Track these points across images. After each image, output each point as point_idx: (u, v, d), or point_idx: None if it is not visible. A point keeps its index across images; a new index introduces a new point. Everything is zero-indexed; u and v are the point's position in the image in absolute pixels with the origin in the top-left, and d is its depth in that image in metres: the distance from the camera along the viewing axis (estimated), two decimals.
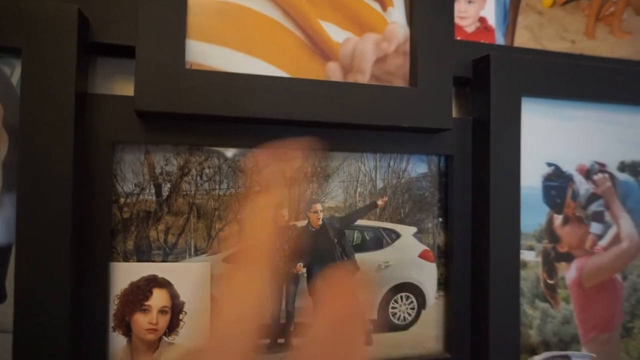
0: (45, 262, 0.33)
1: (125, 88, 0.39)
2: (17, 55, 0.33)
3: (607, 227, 0.50)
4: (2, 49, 0.33)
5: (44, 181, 0.33)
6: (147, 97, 0.35)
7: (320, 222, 0.43)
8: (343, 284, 0.33)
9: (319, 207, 0.43)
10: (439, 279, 0.47)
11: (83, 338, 0.36)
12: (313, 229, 0.43)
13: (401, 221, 0.46)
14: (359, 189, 0.44)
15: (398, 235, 0.45)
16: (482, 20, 0.49)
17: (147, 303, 0.38)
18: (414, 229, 0.46)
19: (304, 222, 0.43)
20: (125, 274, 0.38)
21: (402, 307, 0.45)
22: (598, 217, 0.49)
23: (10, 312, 0.33)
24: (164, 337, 0.38)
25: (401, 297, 0.45)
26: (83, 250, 0.36)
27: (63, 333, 0.33)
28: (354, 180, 0.44)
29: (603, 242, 0.50)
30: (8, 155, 0.33)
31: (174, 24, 0.36)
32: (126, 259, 0.38)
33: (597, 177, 0.49)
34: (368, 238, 0.45)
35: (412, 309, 0.46)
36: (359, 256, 0.44)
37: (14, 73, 0.34)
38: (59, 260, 0.33)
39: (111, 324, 0.37)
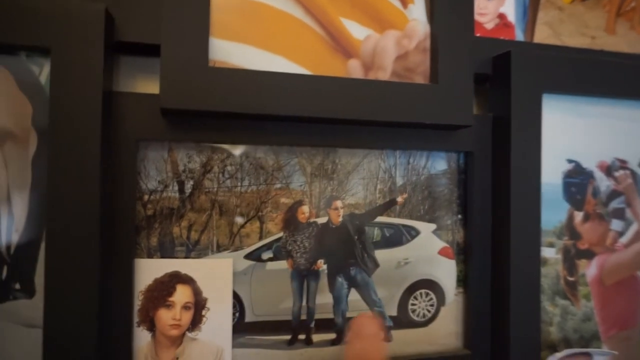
0: (73, 259, 0.34)
1: (148, 86, 0.40)
2: (46, 55, 0.34)
3: (628, 224, 0.49)
4: (31, 48, 0.33)
5: (72, 179, 0.33)
6: (172, 95, 0.35)
7: (341, 219, 0.43)
8: (370, 335, 0.36)
9: (339, 204, 0.43)
10: (458, 276, 0.47)
11: (109, 333, 0.36)
12: (333, 226, 0.43)
13: (421, 218, 0.46)
14: (378, 186, 0.44)
15: (417, 232, 0.45)
16: (501, 16, 0.49)
17: (170, 299, 0.38)
18: (433, 226, 0.46)
19: (324, 219, 0.43)
20: (149, 270, 0.38)
21: (422, 304, 0.46)
22: (619, 214, 0.49)
23: (40, 307, 0.33)
24: (187, 332, 0.39)
25: (420, 294, 0.45)
26: (108, 246, 0.36)
27: (91, 328, 0.34)
28: (374, 177, 0.44)
29: (624, 239, 0.49)
30: (37, 153, 0.34)
31: (198, 22, 0.36)
32: (150, 256, 0.39)
33: (618, 173, 0.49)
34: (388, 235, 0.45)
35: (432, 305, 0.46)
36: (378, 253, 0.44)
37: (42, 72, 0.34)
38: (87, 257, 0.34)
39: (136, 319, 0.38)
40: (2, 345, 0.33)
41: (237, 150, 0.41)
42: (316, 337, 0.42)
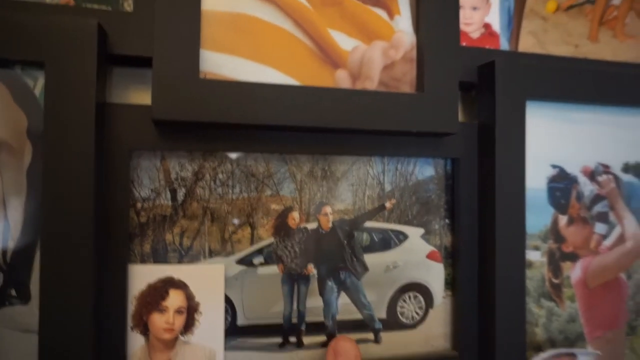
0: (68, 265, 0.34)
1: (140, 96, 0.41)
2: (40, 68, 0.35)
3: (611, 227, 0.51)
4: (26, 62, 0.34)
5: (67, 188, 0.34)
6: (163, 106, 0.36)
7: (330, 224, 0.44)
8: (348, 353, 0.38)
9: (328, 209, 0.44)
10: (446, 279, 0.48)
11: (103, 337, 0.37)
12: (323, 231, 0.44)
13: (409, 223, 0.47)
14: (367, 192, 0.45)
15: (406, 237, 0.47)
16: (486, 26, 0.50)
17: (163, 303, 0.39)
18: (421, 231, 0.47)
19: (314, 225, 0.44)
20: (142, 275, 0.39)
21: (410, 307, 0.47)
22: (602, 217, 0.50)
23: (35, 313, 0.34)
24: (180, 336, 0.40)
25: (409, 297, 0.47)
26: (103, 253, 0.37)
27: (86, 332, 0.35)
28: (362, 183, 0.45)
29: (608, 242, 0.50)
30: (32, 163, 0.35)
31: (189, 35, 0.37)
32: (143, 262, 0.40)
33: (602, 178, 0.50)
34: (377, 239, 0.46)
35: (420, 308, 0.47)
36: (368, 257, 0.45)
37: (37, 85, 0.35)
38: (81, 263, 0.35)
39: (130, 323, 0.39)
40: (1, 349, 0.34)
41: (229, 159, 0.42)
42: (307, 340, 0.43)
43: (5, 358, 0.34)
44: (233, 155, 0.42)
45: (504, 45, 0.51)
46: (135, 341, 0.39)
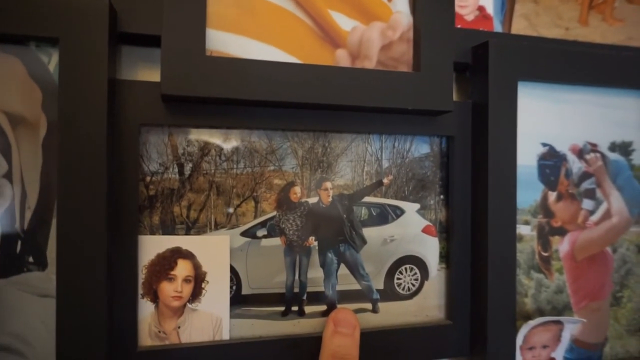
0: (83, 234, 0.36)
1: (146, 74, 0.42)
2: (54, 45, 0.36)
3: (598, 203, 0.53)
4: (40, 39, 0.36)
5: (81, 160, 0.36)
6: (172, 82, 0.38)
7: (330, 199, 0.46)
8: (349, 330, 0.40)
9: (329, 185, 0.46)
10: (440, 252, 0.50)
11: (116, 304, 0.39)
12: (323, 206, 0.46)
13: (405, 198, 0.49)
14: (366, 168, 0.47)
15: (402, 212, 0.49)
16: (480, 9, 0.52)
17: (172, 272, 0.41)
18: (417, 206, 0.49)
19: (315, 199, 0.46)
20: (152, 246, 0.41)
21: (407, 278, 0.49)
22: (590, 194, 0.53)
23: (52, 279, 0.36)
24: (188, 304, 0.42)
25: (405, 269, 0.49)
26: (114, 224, 0.39)
27: (99, 299, 0.36)
28: (361, 160, 0.47)
29: (594, 218, 0.53)
30: (47, 136, 0.36)
31: (196, 14, 0.39)
32: (152, 233, 0.41)
33: (589, 156, 0.53)
34: (374, 214, 0.48)
35: (416, 280, 0.49)
36: (366, 230, 0.47)
37: (51, 61, 0.37)
38: (95, 233, 0.36)
39: (140, 291, 0.41)
40: (19, 312, 0.36)
41: (233, 135, 0.43)
42: (308, 309, 0.46)
43: (25, 320, 0.36)
44: (230, 141, 0.43)
45: (497, 27, 0.53)
46: (146, 308, 0.41)
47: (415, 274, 0.49)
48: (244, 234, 0.44)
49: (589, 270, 0.52)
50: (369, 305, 0.48)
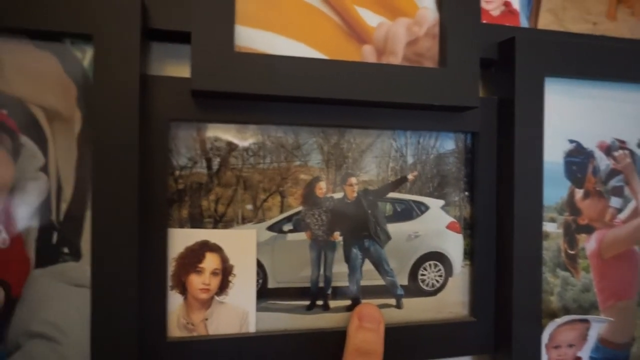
0: (115, 227, 0.37)
1: (174, 70, 0.43)
2: (89, 41, 0.37)
3: (626, 201, 0.52)
4: (75, 35, 0.37)
5: (114, 155, 0.37)
6: (201, 78, 0.38)
7: (355, 194, 0.46)
8: (374, 326, 0.40)
9: (354, 180, 0.46)
10: (465, 249, 0.50)
11: (146, 295, 0.40)
12: (348, 201, 0.46)
13: (430, 194, 0.49)
14: (390, 164, 0.47)
15: (427, 208, 0.49)
16: (507, 4, 0.52)
17: (200, 265, 0.42)
18: (441, 202, 0.49)
19: (340, 195, 0.46)
20: (181, 239, 0.42)
21: (431, 275, 0.49)
22: (618, 191, 0.52)
23: (86, 270, 0.37)
24: (215, 296, 0.42)
25: (430, 265, 0.49)
26: (144, 217, 0.40)
27: (131, 290, 0.37)
28: (386, 155, 0.47)
29: (622, 216, 0.52)
30: (82, 131, 0.37)
31: (224, 11, 0.39)
32: (181, 226, 0.42)
33: (617, 153, 0.52)
34: (399, 210, 0.48)
35: (440, 276, 0.49)
36: (390, 226, 0.47)
37: (85, 57, 0.37)
38: (126, 225, 0.37)
39: (169, 283, 0.41)
40: (55, 301, 0.37)
41: (260, 130, 0.44)
42: (333, 304, 0.46)
43: (61, 309, 0.37)
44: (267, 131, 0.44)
45: (523, 22, 0.52)
46: (175, 300, 0.42)
47: (439, 270, 0.49)
48: (270, 228, 0.44)
49: (616, 269, 0.52)
50: (392, 301, 0.48)
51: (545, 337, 0.48)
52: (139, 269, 0.38)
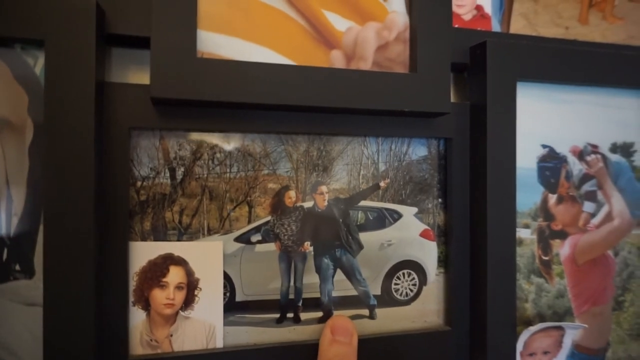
0: (71, 241, 0.35)
1: (137, 77, 0.41)
2: (40, 47, 0.35)
3: (599, 205, 0.52)
4: (25, 41, 0.35)
5: (68, 165, 0.35)
6: (161, 84, 0.37)
7: (326, 203, 0.45)
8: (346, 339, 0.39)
9: (324, 189, 0.45)
10: (439, 257, 0.49)
11: (106, 312, 0.38)
12: (319, 210, 0.45)
13: (402, 202, 0.48)
14: (362, 172, 0.46)
15: (400, 215, 0.48)
16: (478, 8, 0.51)
17: (164, 279, 0.40)
18: (414, 209, 0.48)
19: (310, 203, 0.45)
20: (143, 252, 0.40)
21: (404, 283, 0.48)
22: (591, 196, 0.52)
23: (39, 287, 0.35)
24: (180, 311, 0.41)
25: (403, 274, 0.48)
26: (104, 230, 0.38)
27: (89, 307, 0.36)
28: (357, 163, 0.46)
29: (595, 220, 0.52)
30: (33, 141, 0.36)
31: (186, 15, 0.38)
32: (144, 239, 0.40)
33: (590, 158, 0.52)
34: (371, 218, 0.47)
35: (414, 285, 0.48)
36: (363, 235, 0.46)
37: (37, 63, 0.36)
38: (83, 240, 0.36)
39: (131, 299, 0.40)
40: (5, 322, 0.35)
41: (226, 138, 0.42)
42: (304, 316, 0.45)
43: (12, 329, 0.35)
44: (228, 143, 0.42)
45: (495, 27, 0.52)
46: (137, 316, 0.40)
47: (413, 279, 0.48)
48: (237, 239, 0.43)
49: (591, 274, 0.51)
50: (366, 311, 0.47)
51: (520, 345, 0.48)
52: (96, 285, 0.36)
